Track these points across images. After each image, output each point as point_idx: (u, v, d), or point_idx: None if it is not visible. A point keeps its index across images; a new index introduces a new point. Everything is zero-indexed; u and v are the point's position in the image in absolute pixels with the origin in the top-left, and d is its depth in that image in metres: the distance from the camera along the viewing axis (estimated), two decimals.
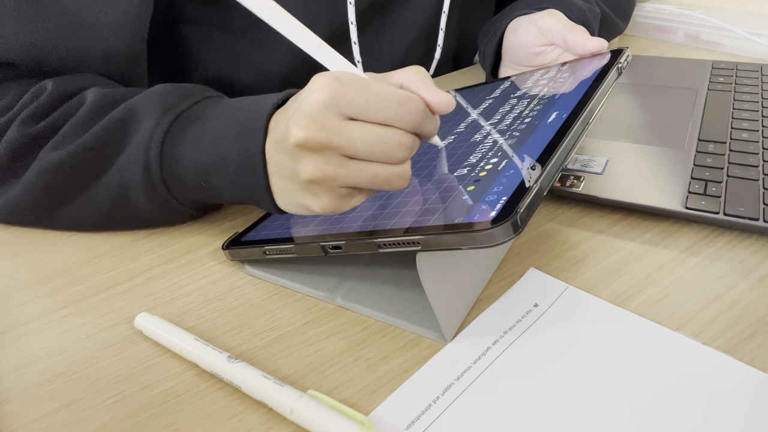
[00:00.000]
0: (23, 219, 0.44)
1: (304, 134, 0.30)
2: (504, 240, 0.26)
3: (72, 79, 0.44)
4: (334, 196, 0.32)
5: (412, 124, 0.31)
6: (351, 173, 0.31)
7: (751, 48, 0.74)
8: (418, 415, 0.28)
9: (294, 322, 0.34)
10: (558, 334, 0.32)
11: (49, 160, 0.40)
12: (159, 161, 0.39)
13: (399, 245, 0.29)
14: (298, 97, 0.32)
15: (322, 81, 0.31)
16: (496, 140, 0.37)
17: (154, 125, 0.39)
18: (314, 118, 0.30)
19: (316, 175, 0.31)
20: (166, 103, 0.40)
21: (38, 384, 0.31)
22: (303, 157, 0.31)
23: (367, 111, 0.30)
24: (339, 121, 0.30)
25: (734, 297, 0.34)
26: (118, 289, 0.38)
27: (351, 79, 0.31)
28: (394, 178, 0.31)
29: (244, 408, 0.29)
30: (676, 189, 0.41)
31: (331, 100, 0.30)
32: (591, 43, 0.48)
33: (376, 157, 0.31)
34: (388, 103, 0.30)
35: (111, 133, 0.40)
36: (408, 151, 0.31)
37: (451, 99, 0.32)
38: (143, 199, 0.40)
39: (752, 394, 0.27)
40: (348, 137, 0.30)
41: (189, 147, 0.38)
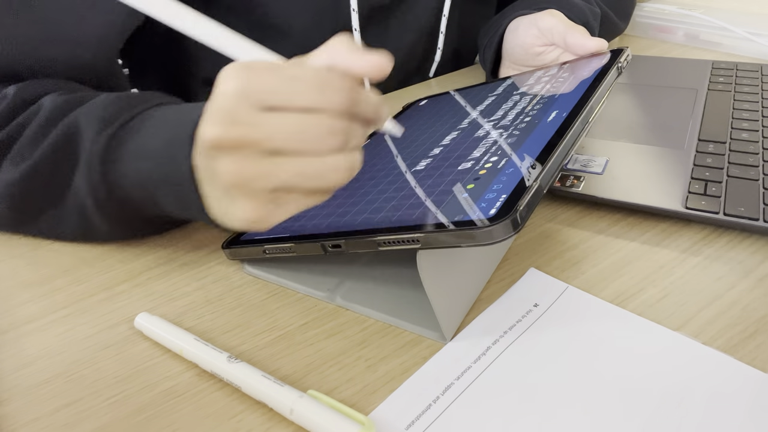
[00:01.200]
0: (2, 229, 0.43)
1: (214, 131, 0.27)
2: (503, 238, 0.26)
3: (35, 84, 0.41)
4: (259, 203, 0.28)
5: (341, 105, 0.27)
6: (273, 170, 0.27)
7: (751, 48, 0.74)
8: (418, 415, 0.28)
9: (294, 322, 0.34)
10: (558, 334, 0.32)
11: (9, 178, 0.38)
12: (104, 184, 0.36)
13: (399, 243, 0.29)
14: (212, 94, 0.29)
15: (229, 71, 0.27)
16: (496, 139, 0.37)
17: (91, 146, 0.36)
18: (225, 113, 0.27)
19: (233, 177, 0.27)
20: (104, 117, 0.36)
21: (38, 384, 0.31)
22: (219, 158, 0.28)
23: (285, 97, 0.26)
24: (253, 112, 0.26)
25: (734, 297, 0.34)
26: (117, 289, 0.38)
27: (262, 65, 0.27)
28: (327, 172, 0.27)
29: (244, 408, 0.29)
30: (676, 189, 0.41)
31: (240, 90, 0.26)
32: (591, 44, 0.48)
33: (302, 149, 0.27)
34: (307, 85, 0.26)
35: (60, 149, 0.37)
36: (340, 137, 0.27)
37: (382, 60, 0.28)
38: (104, 223, 0.38)
39: (752, 394, 0.27)
40: (265, 130, 0.26)
41: (128, 164, 0.35)
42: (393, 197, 0.34)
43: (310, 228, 0.35)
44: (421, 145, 0.42)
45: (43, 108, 0.39)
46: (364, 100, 0.28)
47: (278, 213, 0.29)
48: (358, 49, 0.28)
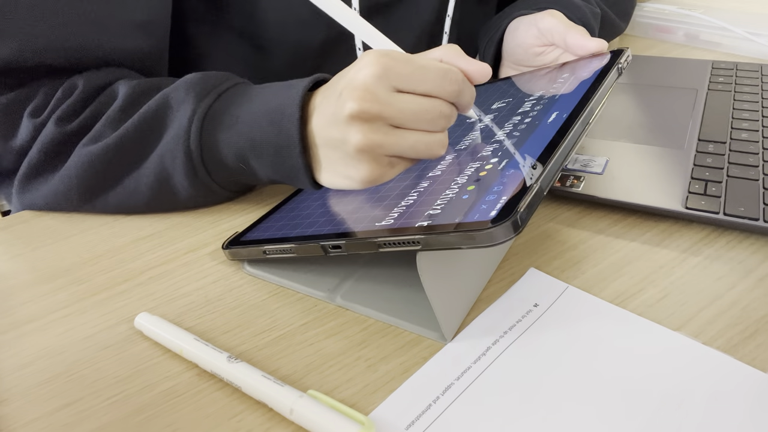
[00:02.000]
0: (61, 208, 0.46)
1: (359, 106, 0.33)
2: (504, 239, 0.26)
3: (100, 74, 0.45)
4: (378, 165, 0.35)
5: (452, 94, 0.34)
6: (396, 141, 0.34)
7: (751, 48, 0.74)
8: (418, 415, 0.28)
9: (294, 322, 0.34)
10: (558, 334, 0.32)
11: (86, 153, 0.42)
12: (199, 147, 0.41)
13: (399, 245, 0.29)
14: (347, 73, 0.35)
15: (372, 57, 0.33)
16: (496, 140, 0.37)
17: (192, 113, 0.41)
18: (367, 90, 0.33)
19: (365, 143, 0.33)
20: (199, 91, 0.41)
21: (38, 384, 0.31)
22: (354, 127, 0.33)
23: (414, 83, 0.33)
24: (389, 93, 0.33)
25: (734, 297, 0.34)
26: (118, 289, 0.38)
27: (398, 54, 0.34)
28: (435, 145, 0.34)
29: (244, 408, 0.29)
30: (676, 189, 0.41)
31: (382, 73, 0.33)
32: (591, 44, 0.48)
33: (419, 125, 0.34)
34: (432, 75, 0.33)
35: (148, 123, 0.42)
36: (448, 120, 0.34)
37: (488, 68, 0.35)
38: (185, 184, 0.43)
39: (752, 394, 0.27)
40: (396, 108, 0.33)
41: (226, 132, 0.40)
42: (394, 198, 0.34)
43: (311, 229, 0.35)
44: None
45: (120, 93, 0.43)
46: (469, 92, 0.35)
47: (390, 174, 0.36)
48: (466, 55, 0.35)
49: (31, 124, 0.43)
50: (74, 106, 0.43)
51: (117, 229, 0.45)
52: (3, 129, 0.44)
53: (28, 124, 0.43)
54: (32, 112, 0.44)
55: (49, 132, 0.43)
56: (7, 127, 0.44)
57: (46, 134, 0.43)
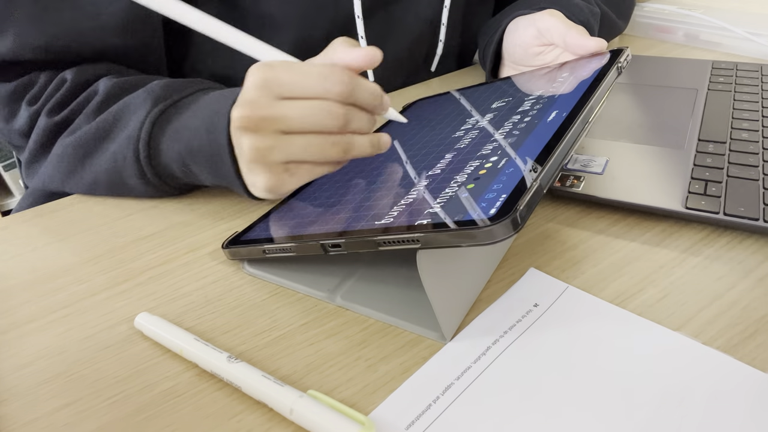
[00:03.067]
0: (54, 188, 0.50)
1: (239, 114, 0.34)
2: (503, 237, 0.26)
3: (89, 68, 0.48)
4: (273, 173, 0.35)
5: (341, 94, 0.34)
6: (284, 145, 0.34)
7: (751, 48, 0.74)
8: (418, 415, 0.28)
9: (294, 322, 0.34)
10: (558, 334, 0.32)
11: (62, 143, 0.46)
12: (147, 151, 0.43)
13: (399, 243, 0.29)
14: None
15: (254, 68, 0.35)
16: (496, 139, 0.37)
17: (144, 118, 0.43)
18: (249, 100, 0.34)
19: (253, 151, 0.34)
20: (156, 97, 0.44)
21: (38, 384, 0.31)
22: (243, 137, 0.35)
23: (296, 88, 0.34)
24: (271, 100, 0.34)
25: (734, 297, 0.34)
26: (118, 289, 0.38)
27: (279, 63, 0.35)
28: (327, 146, 0.34)
29: (244, 408, 0.29)
30: (676, 189, 0.41)
31: (261, 83, 0.34)
32: (590, 44, 0.48)
33: (308, 128, 0.34)
34: (313, 78, 0.34)
35: (108, 122, 0.44)
36: (339, 119, 0.34)
37: (374, 51, 0.34)
38: (136, 182, 0.45)
39: (752, 394, 0.27)
40: (279, 112, 0.34)
41: (170, 139, 0.42)
42: (393, 197, 0.34)
43: (311, 228, 0.35)
44: (420, 145, 0.42)
45: (99, 91, 0.46)
46: (362, 88, 0.34)
47: (291, 181, 0.36)
48: (355, 46, 0.35)
49: (28, 112, 0.47)
50: (62, 99, 0.47)
51: (117, 229, 0.45)
52: (6, 113, 0.49)
53: (25, 111, 0.48)
54: (29, 100, 0.48)
55: (42, 123, 0.47)
56: (9, 111, 0.49)
57: (39, 125, 0.47)
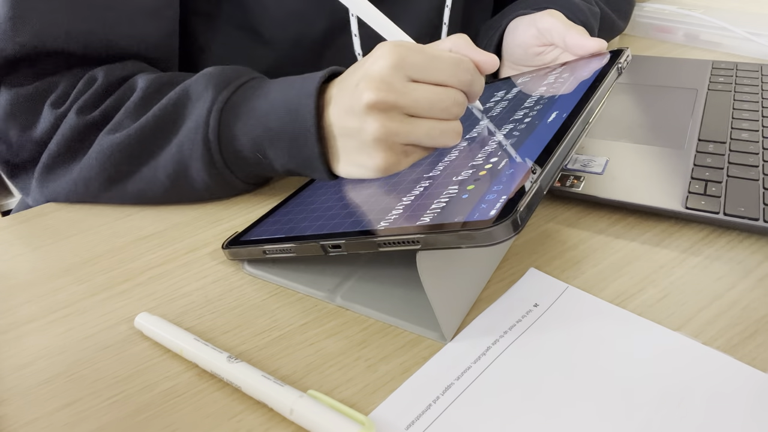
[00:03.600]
0: (81, 198, 0.47)
1: (376, 96, 0.34)
2: (504, 239, 0.26)
3: (119, 66, 0.46)
4: (393, 153, 0.36)
5: (465, 83, 0.35)
6: (412, 129, 0.35)
7: (751, 48, 0.74)
8: (418, 415, 0.28)
9: (294, 322, 0.34)
10: (558, 334, 0.32)
11: (108, 142, 0.43)
12: (218, 137, 0.42)
13: (399, 244, 0.29)
14: (362, 65, 0.36)
15: (387, 48, 0.34)
16: (496, 140, 0.37)
17: (210, 105, 0.41)
18: (384, 81, 0.34)
19: (382, 132, 0.35)
20: (218, 83, 0.42)
21: (38, 384, 0.31)
22: (371, 116, 0.35)
23: (428, 72, 0.34)
24: (404, 83, 0.34)
25: (734, 297, 0.34)
26: (118, 289, 0.38)
27: (411, 45, 0.35)
28: (449, 133, 0.36)
29: (244, 408, 0.29)
30: (676, 189, 0.41)
31: (397, 64, 0.34)
32: (590, 44, 0.48)
33: (434, 114, 0.35)
34: (446, 65, 0.35)
35: (168, 113, 0.43)
36: (461, 108, 0.36)
37: (496, 58, 0.37)
38: (202, 174, 0.43)
39: (752, 394, 0.27)
40: (412, 97, 0.34)
41: (243, 123, 0.41)
42: (393, 198, 0.34)
43: (311, 229, 0.35)
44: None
45: (139, 86, 0.45)
46: (479, 81, 0.36)
47: (406, 162, 0.37)
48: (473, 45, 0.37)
49: (53, 115, 0.44)
50: (95, 97, 0.44)
51: (117, 229, 0.45)
52: (23, 119, 0.45)
53: (49, 114, 0.44)
54: (54, 102, 0.45)
55: (71, 121, 0.44)
56: (28, 116, 0.45)
57: (67, 124, 0.44)
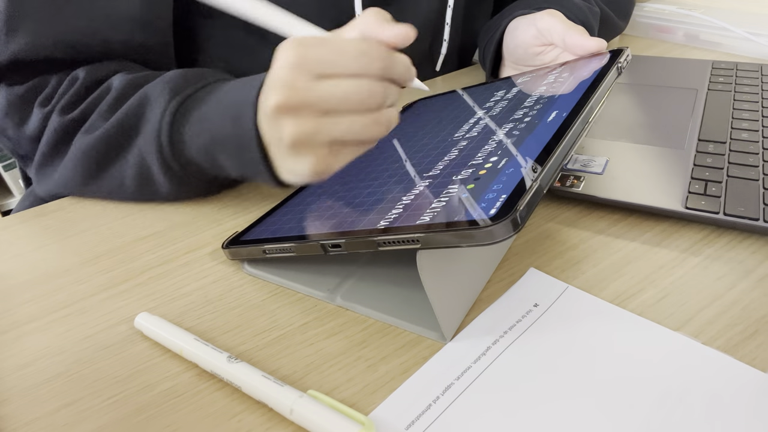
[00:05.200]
0: (71, 192, 0.49)
1: (277, 98, 0.32)
2: (503, 238, 0.26)
3: (101, 66, 0.47)
4: (319, 155, 0.34)
5: (379, 71, 0.32)
6: (328, 127, 0.32)
7: (751, 48, 0.74)
8: (418, 415, 0.28)
9: (294, 322, 0.34)
10: (558, 334, 0.32)
11: (81, 143, 0.44)
12: (169, 143, 0.41)
13: (399, 243, 0.29)
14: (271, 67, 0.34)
15: (286, 46, 0.33)
16: (496, 139, 0.37)
17: (164, 109, 0.41)
18: (284, 81, 0.32)
19: (296, 135, 0.32)
20: (174, 88, 0.42)
21: (38, 384, 0.31)
22: (282, 120, 0.33)
23: (334, 66, 0.32)
24: (309, 80, 0.32)
25: (734, 297, 0.34)
26: (118, 289, 0.38)
27: (313, 40, 0.32)
28: (371, 125, 0.33)
29: (244, 408, 0.29)
30: (676, 189, 0.41)
31: (296, 62, 0.32)
32: (590, 44, 0.48)
33: (349, 108, 0.32)
34: (351, 56, 0.32)
35: (129, 117, 0.43)
36: (379, 97, 0.33)
37: (408, 30, 0.33)
38: (162, 177, 0.44)
39: (752, 395, 0.27)
40: (319, 94, 0.32)
41: (194, 129, 0.41)
42: (393, 197, 0.34)
43: (311, 228, 0.35)
44: (420, 145, 0.42)
45: (113, 87, 0.45)
46: (398, 63, 0.33)
47: (337, 162, 0.35)
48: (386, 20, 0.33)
49: (41, 113, 0.46)
50: (75, 97, 0.46)
51: (117, 229, 0.45)
52: (18, 117, 0.47)
53: (38, 113, 0.46)
54: (41, 101, 0.46)
55: (54, 121, 0.45)
56: (21, 115, 0.47)
57: (51, 124, 0.45)
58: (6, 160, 1.59)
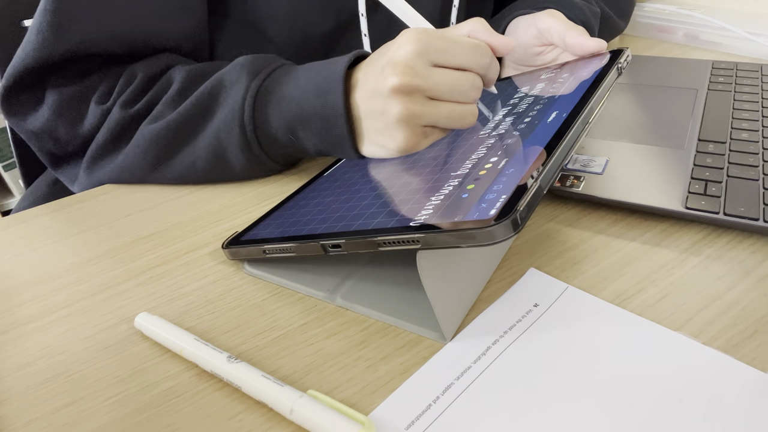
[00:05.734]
0: (127, 181, 0.51)
1: (400, 80, 0.36)
2: (504, 238, 0.26)
3: (155, 61, 0.50)
4: (414, 134, 0.38)
5: (483, 67, 0.38)
6: (433, 111, 0.37)
7: (751, 48, 0.74)
8: (418, 415, 0.28)
9: (294, 322, 0.34)
10: (558, 334, 0.32)
11: (148, 131, 0.46)
12: (252, 122, 0.44)
13: (399, 244, 0.29)
14: (387, 50, 0.38)
15: (411, 35, 0.37)
16: (496, 139, 0.37)
17: (245, 91, 0.44)
18: (408, 66, 0.36)
19: (405, 114, 0.37)
20: (250, 71, 0.45)
21: (38, 384, 0.31)
22: (395, 99, 0.37)
23: (449, 57, 0.37)
24: (426, 67, 0.36)
25: (734, 297, 0.34)
26: (118, 289, 0.38)
27: (433, 31, 0.37)
28: (467, 115, 0.38)
29: (244, 408, 0.29)
30: (676, 189, 0.41)
31: (421, 50, 0.36)
32: (590, 44, 0.48)
33: (454, 97, 0.37)
34: (465, 50, 0.37)
35: (204, 101, 0.46)
36: (478, 91, 0.38)
37: (512, 41, 0.39)
38: (239, 157, 0.46)
39: (752, 394, 0.27)
40: (433, 81, 0.36)
41: (276, 107, 0.44)
42: (393, 197, 0.34)
43: (311, 228, 0.35)
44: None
45: (176, 79, 0.48)
46: (495, 66, 0.39)
47: (423, 143, 0.39)
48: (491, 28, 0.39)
49: (99, 110, 0.48)
50: (136, 91, 0.48)
51: (117, 229, 0.45)
52: (71, 116, 0.49)
53: (95, 110, 0.48)
54: (98, 99, 0.48)
55: (115, 115, 0.47)
56: (76, 114, 0.49)
57: (113, 118, 0.47)
58: (6, 160, 1.58)
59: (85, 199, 0.50)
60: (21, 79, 0.47)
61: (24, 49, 0.46)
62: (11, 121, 0.50)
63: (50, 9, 0.45)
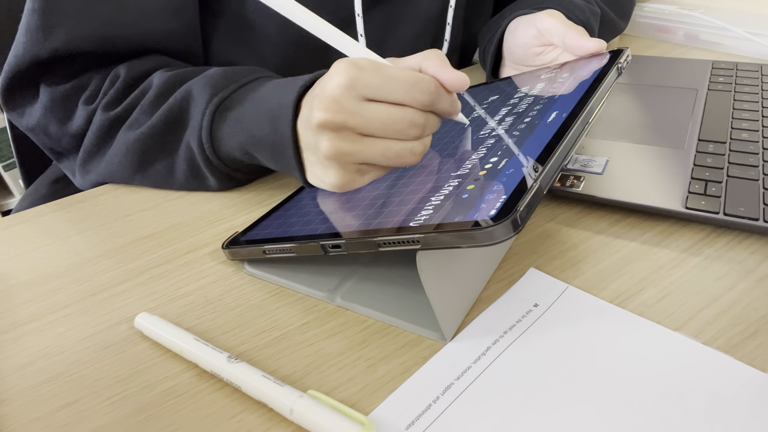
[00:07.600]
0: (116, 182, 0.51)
1: (324, 116, 0.33)
2: (504, 238, 0.26)
3: (140, 63, 0.49)
4: (346, 172, 0.35)
5: (423, 103, 0.34)
6: (364, 149, 0.34)
7: (751, 48, 0.74)
8: (418, 415, 0.28)
9: (294, 322, 0.34)
10: (558, 334, 0.32)
11: (125, 139, 0.47)
12: (210, 139, 0.44)
13: (399, 244, 0.29)
14: (322, 80, 0.35)
15: (341, 66, 0.34)
16: (496, 139, 0.37)
17: (204, 107, 0.44)
18: (334, 101, 0.33)
19: (332, 151, 0.34)
20: (215, 86, 0.44)
21: (38, 384, 0.31)
22: (323, 135, 0.34)
23: (382, 92, 0.33)
24: (356, 102, 0.33)
25: (734, 297, 0.34)
26: (118, 289, 0.38)
27: (367, 63, 0.34)
28: (405, 154, 0.34)
29: (244, 408, 0.29)
30: (676, 189, 0.41)
31: (348, 83, 0.33)
32: (589, 44, 0.48)
33: (388, 134, 0.34)
34: (400, 85, 0.33)
35: (174, 113, 0.45)
36: (419, 129, 0.34)
37: (465, 77, 0.34)
38: (207, 171, 0.46)
39: (752, 394, 0.27)
40: (363, 117, 0.33)
41: (231, 128, 0.43)
42: (394, 197, 0.34)
43: (311, 228, 0.35)
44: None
45: (154, 84, 0.47)
46: (444, 98, 0.35)
47: (360, 181, 0.36)
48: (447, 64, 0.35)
49: (85, 111, 0.48)
50: (117, 94, 0.48)
51: (117, 229, 0.45)
52: (61, 114, 0.49)
53: (82, 111, 0.48)
54: (86, 100, 0.48)
55: (98, 118, 0.47)
56: (64, 112, 0.49)
57: (96, 120, 0.47)
58: (6, 160, 1.58)
59: (85, 199, 0.50)
60: (16, 75, 0.48)
61: (15, 48, 0.47)
62: (11, 115, 0.51)
63: (36, 9, 0.45)
